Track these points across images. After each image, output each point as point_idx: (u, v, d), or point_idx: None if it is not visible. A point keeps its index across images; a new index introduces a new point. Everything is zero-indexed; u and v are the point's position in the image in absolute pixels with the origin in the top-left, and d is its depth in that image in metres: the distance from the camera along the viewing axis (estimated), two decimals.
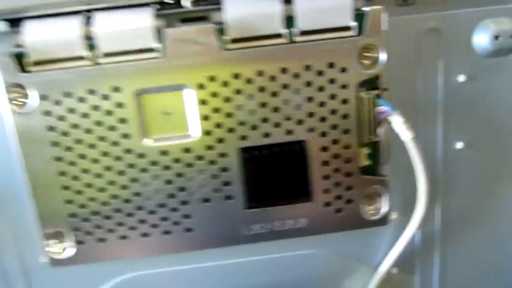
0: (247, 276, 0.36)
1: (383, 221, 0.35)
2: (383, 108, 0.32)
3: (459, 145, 0.35)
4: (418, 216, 0.34)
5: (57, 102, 0.30)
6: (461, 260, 0.38)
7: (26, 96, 0.30)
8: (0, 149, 0.32)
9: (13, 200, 0.34)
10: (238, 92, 0.30)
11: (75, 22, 0.29)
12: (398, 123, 0.31)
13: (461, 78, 0.33)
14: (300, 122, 0.31)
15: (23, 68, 0.29)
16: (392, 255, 0.36)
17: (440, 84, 0.33)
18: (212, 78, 0.30)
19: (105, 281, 0.36)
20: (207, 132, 0.31)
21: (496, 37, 0.32)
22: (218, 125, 0.31)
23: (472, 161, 0.35)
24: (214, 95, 0.30)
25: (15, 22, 0.30)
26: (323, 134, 0.32)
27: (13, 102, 0.30)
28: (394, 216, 0.36)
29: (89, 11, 0.30)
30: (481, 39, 0.32)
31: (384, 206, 0.34)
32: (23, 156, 0.31)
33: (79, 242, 0.33)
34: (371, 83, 0.32)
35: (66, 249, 0.33)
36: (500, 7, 0.32)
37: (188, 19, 0.32)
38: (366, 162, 0.33)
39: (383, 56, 0.31)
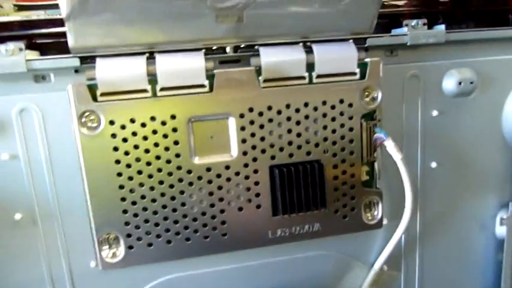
0: (264, 276, 0.43)
1: (378, 225, 0.43)
2: (379, 135, 0.41)
3: (433, 164, 0.44)
4: (405, 221, 0.43)
5: (123, 127, 0.36)
6: (437, 258, 0.47)
7: (95, 121, 0.35)
8: (63, 165, 0.37)
9: (66, 211, 0.38)
10: (270, 120, 0.38)
11: (140, 61, 0.36)
12: (391, 146, 0.40)
13: (435, 113, 0.43)
14: (317, 145, 0.39)
15: (94, 98, 0.35)
16: (384, 254, 0.44)
17: (419, 117, 0.43)
18: (251, 109, 0.37)
19: (145, 284, 0.41)
20: (244, 153, 0.38)
21: (460, 83, 0.43)
22: (253, 147, 0.38)
23: (443, 178, 0.45)
24: (252, 122, 0.38)
25: (85, 59, 0.36)
26: (334, 155, 0.40)
27: (84, 126, 0.35)
28: (385, 221, 0.44)
29: (149, 52, 0.36)
30: (449, 84, 0.43)
31: (379, 213, 0.43)
32: (85, 172, 0.36)
33: (129, 247, 0.38)
34: (370, 115, 0.41)
35: (117, 253, 0.38)
36: (463, 60, 0.43)
37: (224, 61, 0.39)
38: (365, 177, 0.42)
39: (379, 95, 0.40)
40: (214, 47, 0.38)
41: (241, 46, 0.38)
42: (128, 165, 0.36)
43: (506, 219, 0.46)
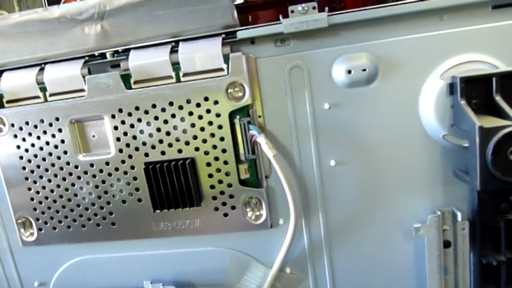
0: (160, 266, 0.45)
1: (265, 225, 0.41)
2: (252, 132, 0.39)
3: (332, 162, 0.40)
4: (292, 223, 0.40)
5: (21, 128, 0.42)
6: (351, 264, 0.42)
7: (1, 123, 0.43)
8: None
9: (1, 197, 0.46)
10: (139, 120, 0.40)
11: (32, 73, 0.41)
12: (263, 143, 0.38)
13: (326, 106, 0.39)
14: (187, 143, 0.40)
15: (0, 105, 0.42)
16: (280, 256, 0.42)
17: (308, 111, 0.39)
18: (120, 110, 0.40)
19: (64, 261, 0.47)
20: (120, 150, 0.41)
21: (349, 71, 0.38)
22: (127, 145, 0.41)
23: (346, 176, 0.40)
24: (123, 122, 0.41)
25: None
26: (206, 153, 0.40)
27: None
28: (281, 222, 0.42)
29: (42, 64, 0.42)
30: (338, 74, 0.38)
31: (264, 213, 0.41)
32: (0, 166, 0.44)
33: (39, 229, 0.45)
34: (243, 112, 0.39)
35: (33, 234, 0.45)
36: (355, 45, 0.38)
37: (116, 65, 0.43)
38: (245, 175, 0.41)
39: (247, 91, 0.38)
40: (96, 54, 0.42)
41: (119, 51, 0.41)
42: (29, 161, 0.43)
43: (422, 227, 0.39)
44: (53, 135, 0.42)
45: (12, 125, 0.42)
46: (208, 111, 0.39)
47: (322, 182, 0.41)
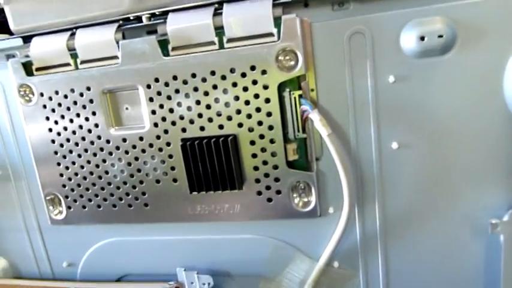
0: (195, 252, 0.42)
1: (313, 213, 0.37)
2: (304, 107, 0.34)
3: (394, 145, 0.35)
4: (345, 212, 0.35)
5: (50, 98, 0.39)
6: (406, 261, 0.37)
7: (30, 93, 0.40)
8: (12, 133, 0.43)
9: (29, 172, 0.43)
10: (177, 91, 0.36)
11: (63, 38, 0.38)
12: (316, 120, 0.34)
13: (391, 79, 0.34)
14: (229, 118, 0.36)
15: (29, 73, 0.39)
16: (328, 250, 0.38)
17: (369, 85, 0.34)
18: (156, 80, 0.36)
19: (94, 242, 0.45)
20: (155, 124, 0.37)
21: (422, 38, 0.32)
22: (163, 118, 0.37)
23: (409, 161, 0.35)
24: (159, 93, 0.37)
25: (26, 38, 0.40)
26: (250, 130, 0.36)
27: (22, 97, 0.40)
28: (331, 210, 0.38)
29: (74, 28, 0.39)
30: (408, 41, 0.32)
31: (313, 199, 0.36)
32: (28, 138, 0.41)
33: (68, 207, 0.42)
34: (294, 84, 0.34)
35: (62, 212, 0.43)
36: (431, 6, 0.32)
37: (152, 31, 0.38)
38: (293, 157, 0.36)
39: (301, 59, 0.33)
40: (131, 17, 0.38)
41: (156, 14, 0.37)
42: (58, 133, 0.40)
43: (500, 224, 0.33)
44: (84, 106, 0.39)
45: (42, 95, 0.39)
46: (254, 82, 0.34)
47: (382, 166, 0.36)
